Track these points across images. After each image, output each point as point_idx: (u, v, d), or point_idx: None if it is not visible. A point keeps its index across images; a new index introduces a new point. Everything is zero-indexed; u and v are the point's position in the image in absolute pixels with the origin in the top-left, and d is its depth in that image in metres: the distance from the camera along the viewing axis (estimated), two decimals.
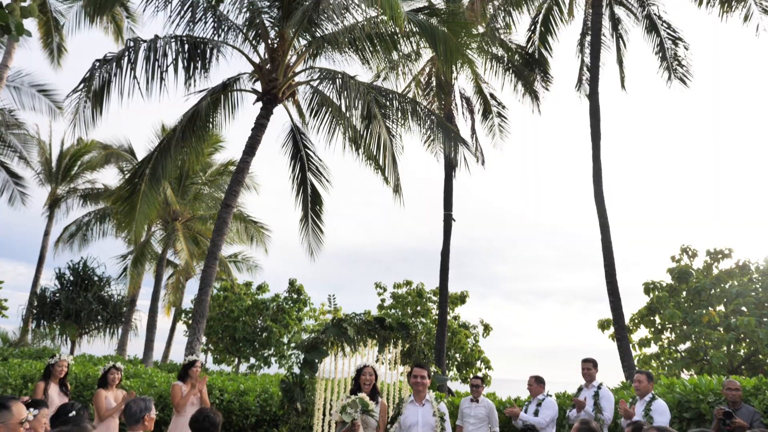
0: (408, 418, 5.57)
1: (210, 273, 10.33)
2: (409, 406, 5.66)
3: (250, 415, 10.86)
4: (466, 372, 21.37)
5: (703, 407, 7.21)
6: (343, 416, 5.27)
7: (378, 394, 5.83)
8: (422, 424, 5.50)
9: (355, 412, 5.30)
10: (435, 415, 5.57)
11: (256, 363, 24.97)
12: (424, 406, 5.61)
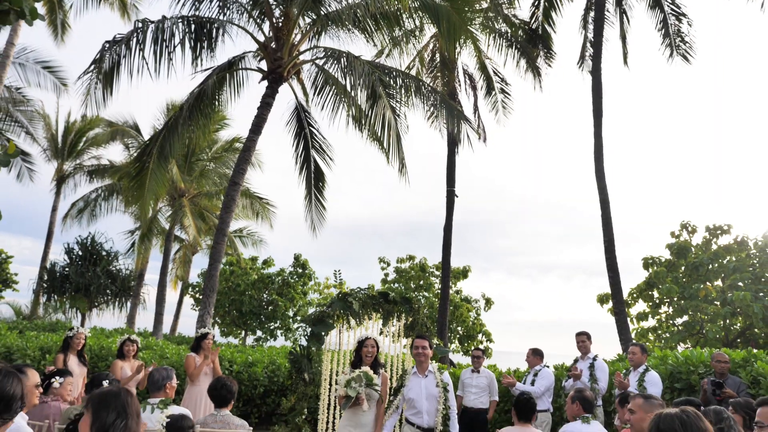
0: (411, 390, 5.50)
1: (219, 249, 10.63)
2: (412, 378, 5.59)
3: (258, 385, 11.27)
4: (468, 344, 21.84)
5: (694, 378, 7.53)
6: (348, 391, 5.23)
7: (379, 365, 5.77)
8: (426, 396, 5.44)
9: (360, 386, 5.27)
10: (438, 386, 5.50)
11: (262, 336, 25.52)
12: (427, 377, 5.54)
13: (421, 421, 5.39)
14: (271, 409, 11.11)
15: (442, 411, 5.39)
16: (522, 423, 4.89)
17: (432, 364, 5.66)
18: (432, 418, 5.39)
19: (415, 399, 5.44)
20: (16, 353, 10.41)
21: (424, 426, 5.36)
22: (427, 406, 5.40)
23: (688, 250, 16.69)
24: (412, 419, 5.46)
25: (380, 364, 5.79)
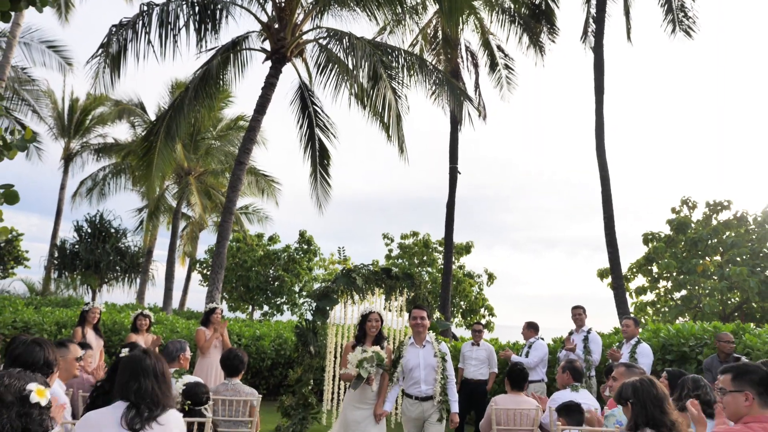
0: (409, 361, 5.44)
1: (226, 227, 10.92)
2: (410, 349, 5.53)
3: (266, 358, 11.67)
4: (471, 319, 22.24)
5: (685, 350, 7.82)
6: (360, 371, 5.13)
7: (383, 339, 5.64)
8: (424, 366, 5.38)
9: (372, 366, 5.18)
10: (436, 356, 5.42)
11: (269, 310, 26.02)
12: (425, 348, 5.47)
13: (418, 392, 5.33)
14: (278, 380, 11.51)
15: (440, 381, 5.33)
16: (515, 391, 5.20)
17: (429, 334, 5.59)
18: (430, 387, 5.34)
19: (413, 369, 5.39)
20: (33, 328, 10.80)
21: (422, 396, 5.31)
22: (425, 375, 5.35)
23: (687, 225, 16.87)
24: (410, 390, 5.40)
25: (383, 337, 5.67)
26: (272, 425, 8.63)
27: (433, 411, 5.32)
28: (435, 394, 5.31)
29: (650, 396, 3.01)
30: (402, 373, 5.46)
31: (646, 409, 3.00)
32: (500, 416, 4.98)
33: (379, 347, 5.38)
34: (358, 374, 5.12)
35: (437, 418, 5.32)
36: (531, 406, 5.05)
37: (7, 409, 1.70)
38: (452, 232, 16.67)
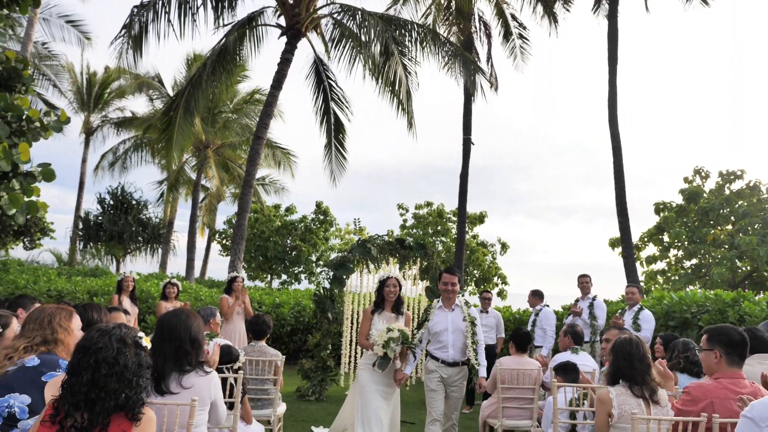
0: (437, 324, 5.28)
1: (246, 200, 11.35)
2: (438, 312, 5.35)
3: (285, 324, 12.21)
4: (484, 287, 22.66)
5: (687, 317, 8.15)
6: (387, 351, 5.04)
7: (402, 304, 5.54)
8: (452, 330, 5.24)
9: (397, 346, 5.08)
10: (465, 320, 5.27)
11: (287, 279, 26.70)
12: (454, 311, 5.32)
13: (446, 356, 5.19)
14: (297, 346, 12.05)
15: (471, 345, 5.19)
16: (519, 353, 5.60)
17: (459, 298, 5.42)
18: (457, 352, 5.21)
19: (441, 333, 5.24)
20: (66, 296, 11.42)
21: (449, 360, 5.18)
22: (453, 340, 5.21)
23: (699, 195, 16.95)
24: (436, 353, 5.25)
25: (402, 302, 5.55)
26: (293, 387, 9.17)
27: (459, 377, 5.24)
28: (465, 358, 5.20)
29: (626, 353, 3.37)
30: (426, 335, 5.34)
31: (621, 363, 3.37)
32: (504, 376, 5.39)
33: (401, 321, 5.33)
34: (385, 354, 5.04)
35: (459, 388, 5.25)
36: (533, 367, 5.44)
37: (128, 349, 2.20)
38: (465, 203, 16.92)
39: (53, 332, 2.53)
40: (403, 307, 5.56)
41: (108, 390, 2.12)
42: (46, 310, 2.62)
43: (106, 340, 2.19)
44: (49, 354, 2.49)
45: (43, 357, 2.47)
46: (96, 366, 2.12)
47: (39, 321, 2.56)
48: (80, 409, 2.10)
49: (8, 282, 12.54)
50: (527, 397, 5.40)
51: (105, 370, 2.13)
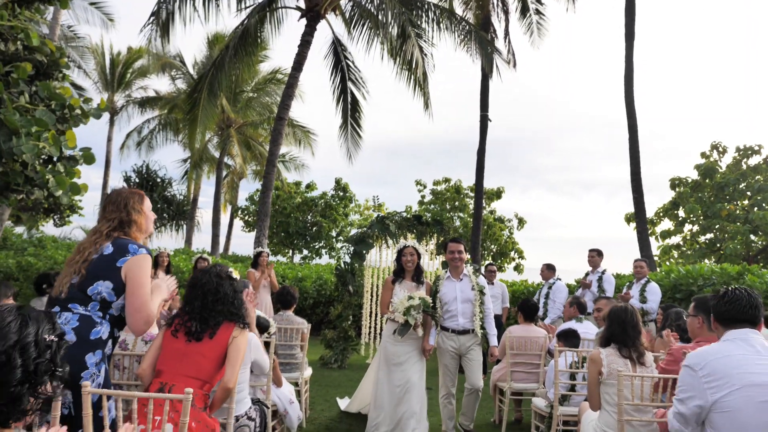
0: (446, 294, 5.30)
1: (269, 179, 11.84)
2: (446, 282, 5.38)
3: (308, 297, 12.76)
4: (501, 261, 23.04)
5: (693, 289, 8.47)
6: (408, 319, 5.04)
7: (422, 274, 5.52)
8: (461, 300, 5.26)
9: (418, 313, 5.09)
10: (474, 289, 5.29)
11: (308, 254, 27.38)
12: (462, 281, 5.33)
13: (455, 325, 5.23)
14: (320, 318, 12.60)
15: (479, 314, 5.22)
16: (526, 322, 6.02)
17: (467, 268, 5.44)
18: (467, 320, 5.23)
19: (450, 302, 5.26)
20: None
21: (459, 329, 5.21)
22: (462, 309, 5.23)
23: (714, 170, 17.00)
24: (447, 324, 5.28)
25: (422, 272, 5.52)
26: (316, 356, 9.73)
27: (471, 345, 5.24)
28: (474, 327, 5.20)
29: (620, 319, 3.77)
30: (439, 306, 5.33)
31: (616, 328, 3.77)
32: (513, 343, 5.82)
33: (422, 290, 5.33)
34: (406, 321, 5.05)
35: (476, 352, 5.25)
36: (540, 335, 5.86)
37: (224, 281, 2.99)
38: (482, 178, 17.20)
39: (128, 214, 2.89)
40: (423, 277, 5.52)
41: (215, 311, 2.91)
42: (122, 193, 2.98)
43: (207, 278, 2.99)
44: (121, 239, 2.83)
45: (116, 243, 2.80)
46: (203, 296, 2.94)
47: (116, 204, 2.92)
48: (195, 322, 2.93)
49: (47, 258, 13.26)
50: (534, 363, 5.83)
51: (210, 298, 2.93)
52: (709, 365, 2.49)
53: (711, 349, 2.58)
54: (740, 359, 2.47)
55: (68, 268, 2.80)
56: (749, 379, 2.40)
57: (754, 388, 2.39)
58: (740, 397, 2.38)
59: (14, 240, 17.42)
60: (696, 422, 2.52)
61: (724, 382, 2.42)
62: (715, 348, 2.59)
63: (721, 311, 2.67)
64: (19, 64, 6.13)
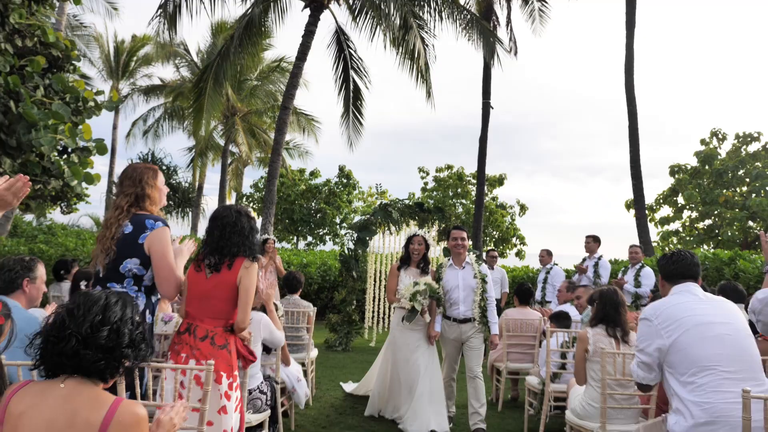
0: (448, 282, 5.29)
1: (275, 167, 12.09)
2: (449, 270, 5.37)
3: (313, 283, 13.06)
4: (503, 247, 23.30)
5: None
6: (414, 304, 5.10)
7: (428, 263, 5.62)
8: (463, 287, 5.24)
9: (425, 299, 5.13)
10: (476, 277, 5.27)
11: (312, 241, 27.70)
12: (464, 269, 5.31)
13: (457, 313, 5.21)
14: (324, 303, 12.92)
15: (479, 302, 5.21)
16: (522, 305, 6.30)
17: (469, 256, 5.42)
18: (468, 309, 5.22)
19: (452, 290, 5.25)
20: None
21: (460, 317, 5.20)
22: (464, 297, 5.22)
23: (713, 157, 17.17)
24: (449, 312, 5.28)
25: (428, 261, 5.62)
26: (321, 339, 10.04)
27: (473, 333, 5.22)
28: (474, 315, 5.19)
29: (610, 300, 4.04)
30: (443, 294, 5.32)
31: (605, 309, 4.04)
32: (509, 325, 6.10)
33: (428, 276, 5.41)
34: (412, 307, 5.11)
35: (476, 340, 5.24)
36: (535, 317, 6.14)
37: (243, 216, 3.23)
38: (485, 165, 17.40)
39: (143, 189, 3.13)
40: (429, 267, 5.61)
41: (232, 242, 3.12)
42: (137, 168, 3.21)
43: (227, 212, 3.22)
44: (138, 215, 3.08)
45: (134, 220, 3.06)
46: (222, 227, 3.15)
47: (132, 179, 3.16)
48: (214, 254, 3.12)
49: (58, 245, 13.58)
50: (529, 344, 6.12)
51: (228, 230, 3.14)
52: (663, 314, 2.87)
53: (662, 302, 2.96)
54: (687, 306, 2.86)
55: (99, 244, 3.08)
56: (696, 320, 2.79)
57: (701, 327, 2.76)
58: (690, 336, 2.75)
59: (24, 227, 17.75)
60: (658, 366, 2.87)
61: (677, 326, 2.80)
62: (665, 300, 2.97)
63: (669, 270, 3.08)
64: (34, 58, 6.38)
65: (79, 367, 1.72)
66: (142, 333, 1.88)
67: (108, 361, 1.75)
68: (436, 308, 5.32)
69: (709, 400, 2.61)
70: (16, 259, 3.15)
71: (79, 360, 1.70)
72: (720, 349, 2.70)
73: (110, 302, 1.81)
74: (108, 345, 1.75)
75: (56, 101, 6.31)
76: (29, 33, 5.92)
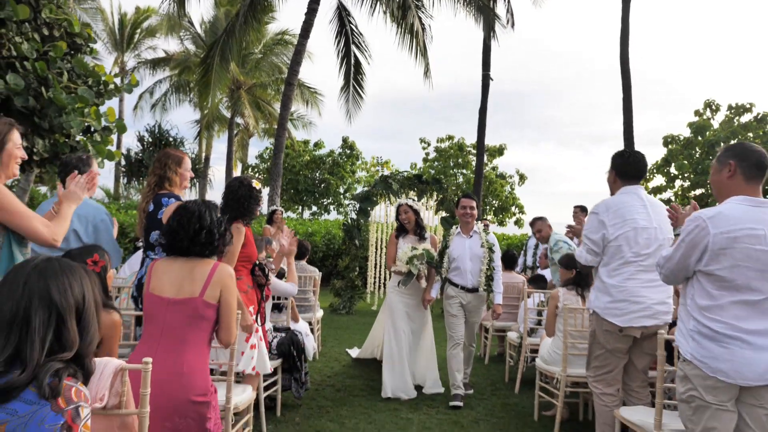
0: (455, 250, 5.26)
1: (281, 141, 12.66)
2: (456, 238, 5.33)
3: (318, 251, 13.75)
4: (503, 216, 23.95)
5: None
6: (411, 268, 5.17)
7: (424, 230, 5.63)
8: (470, 256, 5.22)
9: (421, 264, 5.19)
10: (483, 246, 5.26)
11: (317, 210, 28.41)
12: (472, 238, 5.30)
13: (464, 281, 5.19)
14: (329, 270, 13.60)
15: (486, 271, 5.20)
16: (507, 270, 6.96)
17: (477, 225, 5.42)
18: (476, 278, 5.21)
19: (459, 259, 5.23)
20: (128, 228, 13.09)
21: (468, 286, 5.19)
22: (471, 266, 5.20)
23: (706, 128, 17.58)
24: (455, 280, 5.25)
25: (424, 228, 5.64)
26: (326, 304, 10.77)
27: (478, 302, 5.26)
28: (480, 284, 5.20)
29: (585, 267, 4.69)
30: (447, 263, 5.32)
31: (580, 274, 4.69)
32: None
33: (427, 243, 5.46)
34: (409, 271, 5.19)
35: (477, 314, 5.31)
36: (519, 280, 6.81)
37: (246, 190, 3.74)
38: (484, 136, 17.81)
39: (165, 173, 3.70)
40: (426, 232, 5.64)
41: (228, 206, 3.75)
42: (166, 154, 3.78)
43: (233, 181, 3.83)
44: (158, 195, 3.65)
45: (155, 200, 3.64)
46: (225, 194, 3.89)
47: (160, 162, 3.74)
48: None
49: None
50: (513, 304, 6.79)
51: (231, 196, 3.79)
52: (611, 211, 3.43)
53: (612, 200, 3.50)
54: (631, 208, 3.41)
55: (139, 213, 3.79)
56: (635, 223, 3.36)
57: (636, 230, 3.35)
58: (626, 235, 3.35)
59: (40, 200, 18.48)
60: (602, 252, 3.46)
61: (621, 224, 3.37)
62: (615, 199, 3.50)
63: (623, 169, 3.55)
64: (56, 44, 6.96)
65: (191, 252, 2.63)
66: (225, 226, 2.74)
67: (208, 247, 2.65)
68: (434, 275, 5.38)
69: (625, 285, 3.35)
70: (76, 156, 3.75)
71: (191, 250, 2.63)
72: (646, 249, 3.34)
73: (202, 213, 2.66)
74: (206, 241, 2.63)
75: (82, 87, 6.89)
76: (57, 24, 6.46)
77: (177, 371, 2.47)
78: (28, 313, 1.39)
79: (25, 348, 1.37)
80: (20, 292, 1.42)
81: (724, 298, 2.56)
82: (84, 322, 1.50)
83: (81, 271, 1.56)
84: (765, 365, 2.50)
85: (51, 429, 1.31)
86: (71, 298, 1.47)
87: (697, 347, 2.58)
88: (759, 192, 2.70)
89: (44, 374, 1.36)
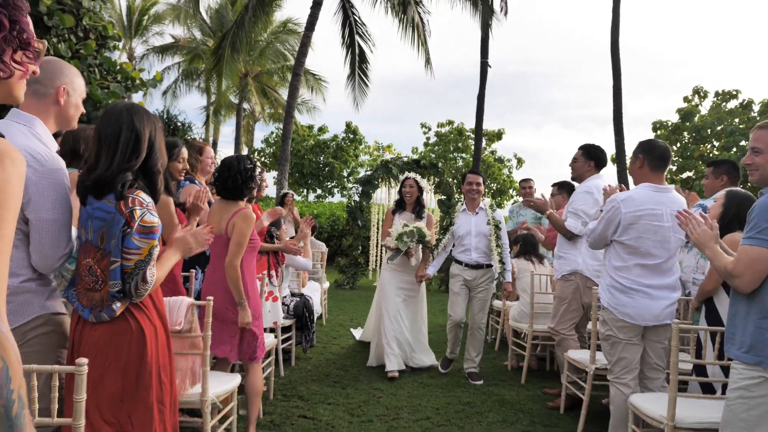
0: (460, 228, 5.23)
1: (288, 128, 13.48)
2: (461, 215, 5.30)
3: (323, 232, 14.65)
4: (500, 199, 24.76)
5: None
6: (399, 244, 5.18)
7: (423, 207, 5.59)
8: (475, 233, 5.18)
9: (411, 241, 5.19)
10: (489, 224, 5.20)
11: (321, 193, 29.31)
12: (478, 215, 5.25)
13: (468, 258, 5.17)
14: (333, 250, 14.51)
15: (496, 249, 5.15)
16: None
17: (484, 201, 5.34)
18: (480, 255, 5.17)
19: (464, 236, 5.20)
20: None
21: (472, 263, 5.16)
22: (476, 243, 5.16)
23: (693, 114, 18.26)
24: (459, 257, 5.24)
25: (423, 205, 5.61)
26: (331, 279, 11.68)
27: (483, 281, 5.21)
28: (492, 262, 5.16)
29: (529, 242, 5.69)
30: (451, 240, 5.30)
31: (526, 246, 5.63)
32: None
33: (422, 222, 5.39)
34: (397, 247, 5.22)
35: (484, 291, 5.23)
36: None
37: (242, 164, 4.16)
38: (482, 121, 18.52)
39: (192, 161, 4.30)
40: (425, 211, 5.59)
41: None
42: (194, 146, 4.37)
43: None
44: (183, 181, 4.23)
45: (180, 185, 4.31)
46: None
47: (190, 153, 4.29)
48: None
49: None
50: None
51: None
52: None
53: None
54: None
55: None
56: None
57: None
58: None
59: None
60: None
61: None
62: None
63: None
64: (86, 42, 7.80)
65: (225, 193, 3.48)
66: (253, 174, 3.49)
67: (240, 190, 3.45)
68: (429, 256, 5.37)
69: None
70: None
71: (225, 193, 3.48)
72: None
73: (232, 162, 3.47)
74: (237, 185, 3.43)
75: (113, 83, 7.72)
76: (93, 29, 7.27)
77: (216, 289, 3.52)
78: (119, 133, 2.04)
79: (116, 155, 2.02)
80: (116, 120, 2.06)
81: (631, 260, 3.42)
82: (153, 147, 2.11)
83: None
84: (659, 310, 3.38)
85: (119, 225, 1.97)
86: (146, 128, 2.09)
87: (611, 298, 3.46)
88: (662, 179, 3.55)
89: (119, 181, 1.98)
